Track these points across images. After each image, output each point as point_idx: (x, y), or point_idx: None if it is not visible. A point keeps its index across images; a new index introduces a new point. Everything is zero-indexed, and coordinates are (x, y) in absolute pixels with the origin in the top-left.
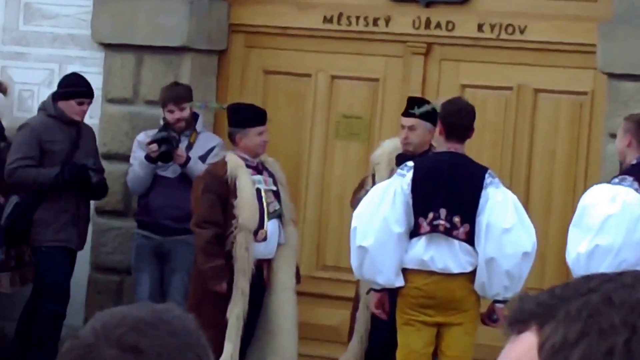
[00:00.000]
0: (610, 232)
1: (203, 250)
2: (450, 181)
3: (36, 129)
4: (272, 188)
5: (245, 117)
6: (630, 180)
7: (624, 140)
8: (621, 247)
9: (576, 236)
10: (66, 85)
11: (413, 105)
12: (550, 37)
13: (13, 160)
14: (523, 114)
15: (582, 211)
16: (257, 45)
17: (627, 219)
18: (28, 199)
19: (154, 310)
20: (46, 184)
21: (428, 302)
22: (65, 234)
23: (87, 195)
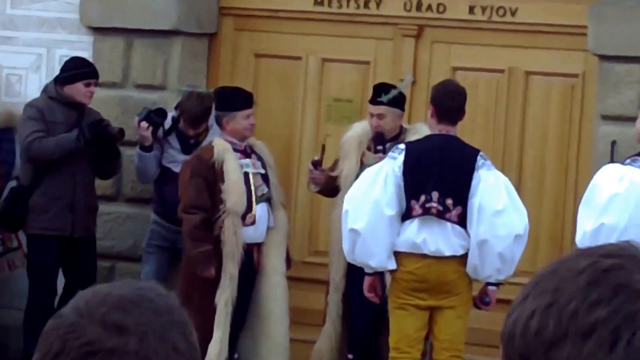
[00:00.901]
0: (616, 211)
1: (191, 236)
2: (442, 164)
3: (40, 108)
4: (261, 171)
5: (231, 101)
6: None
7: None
8: (627, 226)
9: (584, 215)
10: (69, 68)
11: (380, 92)
12: (541, 19)
13: (28, 134)
14: (514, 96)
15: (591, 190)
16: (248, 28)
17: (634, 199)
18: (25, 183)
19: (137, 288)
20: (68, 148)
21: (420, 286)
22: (60, 221)
23: (108, 158)
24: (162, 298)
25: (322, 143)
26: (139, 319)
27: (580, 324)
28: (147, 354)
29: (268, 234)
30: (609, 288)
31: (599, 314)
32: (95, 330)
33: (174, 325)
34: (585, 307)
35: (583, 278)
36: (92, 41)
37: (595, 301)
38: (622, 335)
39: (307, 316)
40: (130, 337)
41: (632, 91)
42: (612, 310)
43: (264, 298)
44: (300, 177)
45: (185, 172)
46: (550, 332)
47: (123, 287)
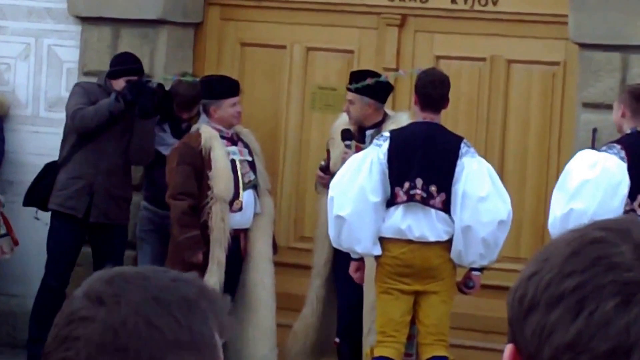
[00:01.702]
0: (586, 197)
1: (179, 222)
2: (426, 151)
3: (87, 89)
4: (247, 158)
5: (218, 89)
6: (618, 148)
7: (618, 111)
8: (596, 212)
9: (557, 199)
10: (115, 64)
11: (352, 79)
12: (523, 9)
13: (73, 105)
14: (497, 84)
15: (564, 176)
16: (233, 18)
17: (604, 186)
18: (58, 161)
19: (150, 269)
20: (107, 110)
21: (405, 271)
22: (75, 201)
23: (147, 114)
24: (163, 278)
25: (326, 148)
26: (117, 290)
27: (550, 293)
28: (113, 324)
29: (255, 220)
30: (586, 260)
31: (568, 284)
32: (81, 301)
33: (157, 301)
34: (559, 277)
35: (568, 249)
36: (79, 31)
37: (569, 272)
38: (586, 307)
39: (293, 301)
40: (103, 307)
41: (612, 79)
42: (582, 282)
43: (250, 283)
44: (285, 163)
45: (173, 159)
46: (528, 300)
47: (150, 269)
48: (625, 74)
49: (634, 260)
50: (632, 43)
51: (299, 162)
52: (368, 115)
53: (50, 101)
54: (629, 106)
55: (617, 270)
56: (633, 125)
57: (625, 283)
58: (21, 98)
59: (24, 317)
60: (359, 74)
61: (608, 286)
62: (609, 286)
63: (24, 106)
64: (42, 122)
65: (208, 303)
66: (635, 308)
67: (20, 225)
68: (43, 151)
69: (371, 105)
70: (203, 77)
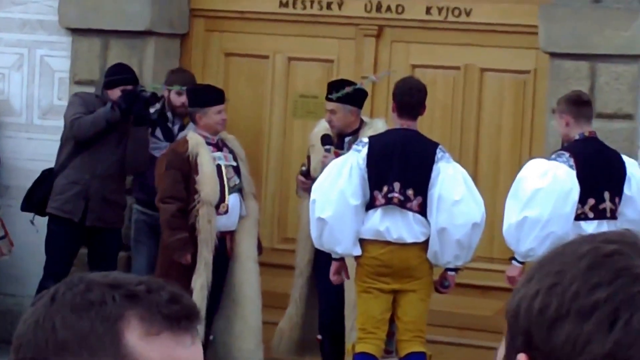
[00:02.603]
0: (539, 204)
1: (168, 224)
2: (404, 156)
3: (85, 99)
4: (232, 164)
5: (203, 97)
6: (566, 156)
7: (562, 122)
8: (549, 219)
9: (510, 207)
10: (111, 74)
11: (331, 90)
12: (495, 19)
13: (71, 115)
14: (470, 92)
15: (517, 184)
16: (217, 29)
17: (556, 194)
18: (55, 167)
19: (112, 276)
20: (104, 119)
21: (384, 271)
22: (71, 205)
23: (140, 123)
24: (94, 282)
25: (307, 154)
26: (66, 293)
27: (581, 304)
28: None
29: (240, 222)
30: (609, 272)
31: (599, 295)
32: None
33: (63, 306)
34: (587, 288)
35: (584, 262)
36: (70, 42)
37: (596, 283)
38: (621, 316)
39: (277, 299)
40: (54, 306)
41: (581, 87)
42: (612, 292)
43: (237, 282)
44: (269, 168)
45: (161, 164)
46: (552, 311)
47: (124, 274)
48: (593, 81)
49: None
50: (600, 52)
51: (282, 166)
52: (350, 122)
53: (43, 109)
54: (569, 113)
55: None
56: (579, 130)
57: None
58: (15, 106)
59: (20, 315)
60: (336, 84)
61: (638, 296)
62: (639, 296)
63: (18, 114)
64: (36, 129)
65: (120, 300)
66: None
67: (16, 227)
68: (37, 157)
69: (353, 112)
70: (189, 86)
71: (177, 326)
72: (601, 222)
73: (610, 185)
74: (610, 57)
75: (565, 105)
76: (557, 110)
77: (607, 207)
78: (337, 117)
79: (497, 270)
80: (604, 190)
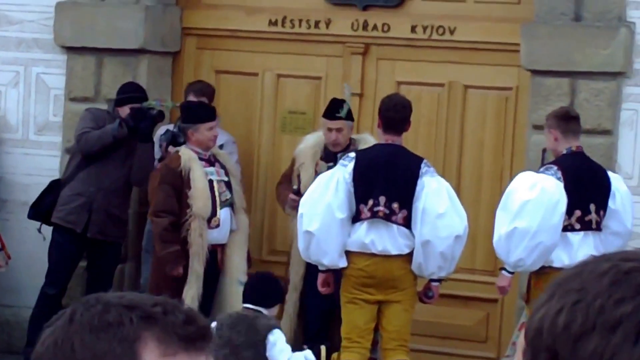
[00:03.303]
0: (528, 216)
1: (160, 238)
2: (389, 171)
3: (95, 114)
4: (224, 179)
5: (196, 114)
6: (554, 169)
7: (550, 137)
8: (537, 230)
9: (500, 219)
10: (121, 92)
11: (337, 108)
12: (478, 37)
13: (79, 129)
14: (454, 108)
15: (506, 196)
16: (209, 47)
17: (544, 205)
18: (62, 178)
19: (130, 296)
20: (110, 135)
21: (369, 282)
22: (75, 216)
23: (144, 140)
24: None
25: (296, 173)
26: (85, 314)
27: (607, 318)
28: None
29: (231, 236)
30: (632, 287)
31: (624, 309)
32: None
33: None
34: (611, 303)
35: (606, 279)
36: (65, 59)
37: (620, 298)
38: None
39: None
40: (73, 326)
41: (561, 103)
42: (637, 306)
43: (227, 294)
44: (258, 182)
45: (155, 179)
46: (578, 326)
47: (137, 295)
48: (573, 98)
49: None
50: (580, 69)
51: (271, 181)
52: (349, 137)
53: (39, 125)
54: (558, 128)
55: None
56: (567, 145)
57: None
58: (12, 122)
59: (17, 325)
60: (334, 103)
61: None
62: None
63: (15, 130)
64: (32, 144)
65: (137, 322)
66: None
67: (13, 240)
68: (33, 172)
69: (352, 127)
70: (183, 103)
71: (192, 347)
72: (587, 234)
73: (595, 198)
74: (590, 74)
75: (553, 121)
76: (545, 125)
77: (593, 219)
78: (344, 134)
79: (479, 281)
80: (590, 203)
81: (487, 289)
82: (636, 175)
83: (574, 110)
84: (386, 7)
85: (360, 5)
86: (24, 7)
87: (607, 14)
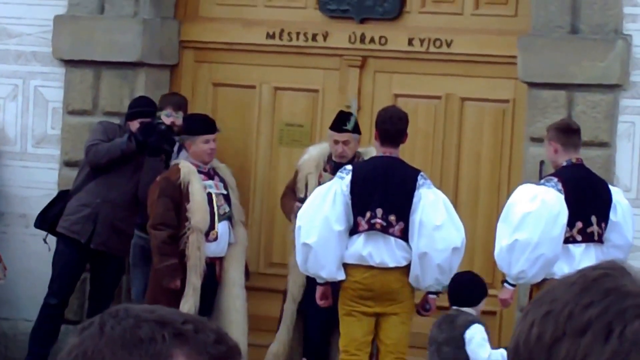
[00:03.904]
0: (528, 228)
1: (159, 250)
2: (386, 183)
3: (106, 127)
4: (223, 192)
5: (194, 126)
6: (555, 181)
7: (550, 149)
8: (538, 242)
9: (501, 231)
10: (132, 106)
11: (344, 120)
12: (475, 50)
13: (89, 141)
14: (451, 120)
15: (507, 209)
16: (206, 60)
17: (545, 217)
18: (71, 189)
19: (147, 310)
20: (119, 149)
21: (367, 294)
22: (79, 226)
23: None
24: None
25: (304, 182)
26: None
27: (576, 323)
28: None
29: (229, 249)
30: (599, 292)
31: (592, 312)
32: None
33: (116, 341)
34: (579, 308)
35: (575, 287)
36: (63, 72)
37: (588, 303)
38: (615, 328)
39: (263, 323)
40: (86, 331)
41: (558, 115)
42: (604, 308)
43: (224, 307)
44: (255, 195)
45: (154, 191)
46: (549, 335)
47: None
48: (570, 110)
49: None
50: (577, 82)
51: (268, 193)
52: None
53: (37, 138)
54: (558, 141)
55: (631, 296)
56: (567, 157)
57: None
58: (10, 135)
59: (15, 338)
60: (341, 115)
61: (629, 310)
62: (630, 309)
63: (13, 143)
64: (30, 157)
65: (170, 339)
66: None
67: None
68: (31, 184)
69: (359, 140)
70: (185, 115)
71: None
72: (589, 246)
73: (597, 210)
74: (587, 86)
75: (554, 133)
76: (546, 137)
77: (595, 231)
78: (350, 146)
79: None
80: (591, 214)
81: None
82: (634, 188)
83: (575, 123)
84: (383, 20)
85: (358, 18)
86: (22, 20)
87: (603, 26)
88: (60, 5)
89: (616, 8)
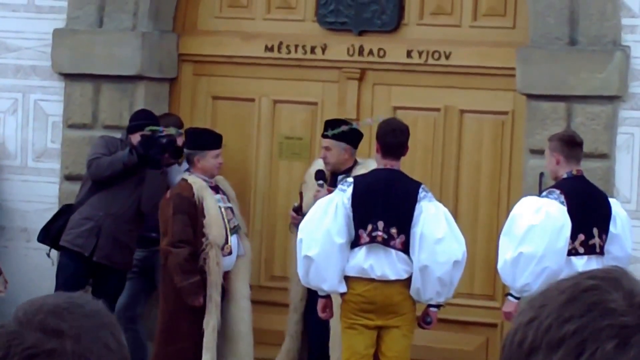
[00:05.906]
0: (533, 241)
1: (181, 268)
2: (387, 195)
3: (108, 141)
4: (229, 205)
5: (203, 141)
6: (557, 193)
7: (552, 159)
8: (543, 255)
9: (504, 244)
10: (133, 119)
11: (328, 127)
12: (474, 62)
13: (91, 154)
14: (450, 132)
15: (511, 221)
16: (205, 73)
17: (550, 229)
18: (74, 203)
19: (69, 297)
20: (121, 162)
21: (368, 307)
22: (82, 240)
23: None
24: (91, 304)
25: (299, 191)
26: (72, 322)
27: (552, 337)
28: (83, 353)
29: (236, 261)
30: (583, 306)
31: (568, 328)
32: (35, 335)
33: (103, 326)
34: (559, 322)
35: (563, 296)
36: (63, 86)
37: (567, 317)
38: (587, 349)
39: (266, 336)
40: (66, 339)
41: (557, 127)
42: (581, 326)
43: (231, 319)
44: (255, 208)
45: (168, 208)
46: (528, 343)
47: (56, 297)
48: (569, 122)
49: (627, 307)
50: (576, 93)
51: (269, 206)
52: (344, 160)
53: (37, 152)
54: (561, 152)
55: (612, 315)
56: (568, 169)
57: (622, 327)
58: (10, 149)
59: None
60: (333, 122)
61: (606, 330)
62: (607, 330)
63: (13, 157)
64: (30, 171)
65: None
66: (632, 350)
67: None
68: (32, 198)
69: (347, 150)
70: (188, 129)
71: None
72: (590, 258)
73: (598, 222)
74: (586, 98)
75: (557, 144)
76: (548, 147)
77: (597, 243)
78: (331, 153)
79: (478, 306)
80: (593, 226)
81: (487, 314)
82: (634, 199)
83: (579, 136)
84: (382, 32)
85: (356, 31)
86: (21, 34)
87: (602, 38)
88: (59, 19)
89: (614, 19)
